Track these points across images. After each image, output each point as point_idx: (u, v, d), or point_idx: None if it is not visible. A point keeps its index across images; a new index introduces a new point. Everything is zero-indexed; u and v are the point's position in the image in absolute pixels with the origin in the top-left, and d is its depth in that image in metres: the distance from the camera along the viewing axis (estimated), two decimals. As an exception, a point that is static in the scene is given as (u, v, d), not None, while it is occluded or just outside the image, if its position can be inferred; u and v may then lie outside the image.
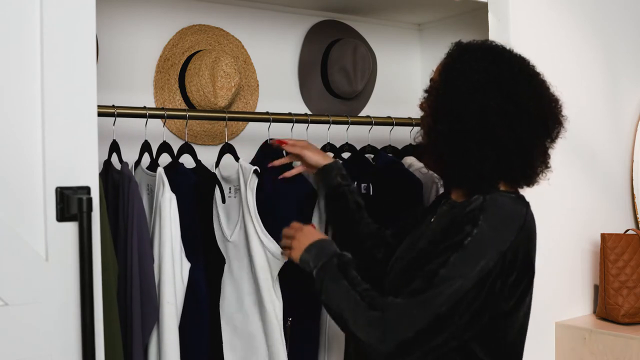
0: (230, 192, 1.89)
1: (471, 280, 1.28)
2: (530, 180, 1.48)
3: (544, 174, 1.49)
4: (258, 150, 2.03)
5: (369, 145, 2.16)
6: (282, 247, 1.71)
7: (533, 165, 1.45)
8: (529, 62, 1.51)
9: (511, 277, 1.33)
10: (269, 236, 1.78)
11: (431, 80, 1.53)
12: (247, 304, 1.85)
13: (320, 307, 1.92)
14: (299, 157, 1.90)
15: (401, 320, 1.30)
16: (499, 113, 1.38)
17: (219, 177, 1.91)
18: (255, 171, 1.79)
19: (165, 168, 1.78)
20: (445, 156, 1.44)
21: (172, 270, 1.67)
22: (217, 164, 1.94)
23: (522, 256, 1.36)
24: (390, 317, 1.31)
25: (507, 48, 1.51)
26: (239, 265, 1.86)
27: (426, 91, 1.54)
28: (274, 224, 1.81)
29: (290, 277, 1.81)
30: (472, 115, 1.39)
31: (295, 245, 1.60)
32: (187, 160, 1.89)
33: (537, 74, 1.50)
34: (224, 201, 1.88)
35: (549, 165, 1.49)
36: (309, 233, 1.60)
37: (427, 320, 1.28)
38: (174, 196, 1.68)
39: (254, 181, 1.79)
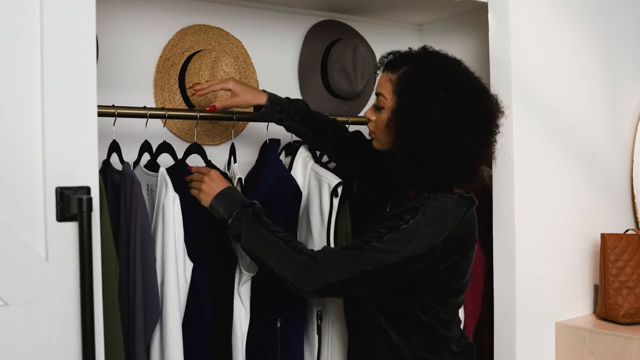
0: None
1: (396, 258, 1.47)
2: (480, 179, 1.65)
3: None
4: (260, 151, 2.03)
5: (369, 145, 2.15)
6: (190, 189, 1.75)
7: (486, 163, 1.65)
8: (463, 65, 1.64)
9: (438, 267, 1.52)
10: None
11: (379, 94, 1.63)
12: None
13: (310, 309, 1.92)
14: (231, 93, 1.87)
15: (331, 266, 1.50)
16: (469, 129, 1.53)
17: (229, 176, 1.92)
18: (239, 180, 1.80)
19: (170, 168, 1.78)
20: (418, 171, 1.55)
21: (176, 270, 1.68)
22: (229, 162, 1.95)
23: (456, 252, 1.55)
24: (322, 262, 1.51)
25: (442, 53, 1.63)
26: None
27: (378, 107, 1.64)
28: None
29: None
30: (445, 134, 1.52)
31: (205, 189, 1.68)
32: (195, 160, 1.89)
33: (474, 75, 1.63)
34: None
35: (494, 157, 1.68)
36: (217, 179, 1.69)
37: (352, 273, 1.49)
38: (177, 196, 1.68)
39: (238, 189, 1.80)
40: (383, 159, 1.69)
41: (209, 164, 1.88)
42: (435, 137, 1.52)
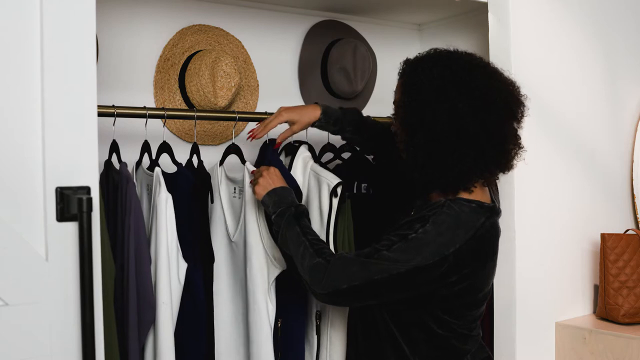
0: (235, 193, 1.90)
1: (404, 268, 1.44)
2: (506, 166, 1.57)
3: (518, 156, 1.58)
4: (259, 152, 2.03)
5: (369, 145, 2.15)
6: (250, 181, 1.80)
7: (507, 150, 1.54)
8: (476, 56, 1.58)
9: (450, 278, 1.47)
10: (272, 242, 1.79)
11: (394, 102, 1.63)
12: (241, 306, 1.86)
13: (309, 308, 1.92)
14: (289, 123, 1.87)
15: (341, 272, 1.50)
16: (467, 111, 1.46)
17: (224, 176, 1.91)
18: None
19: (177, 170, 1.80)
20: (426, 165, 1.51)
21: (168, 271, 1.67)
22: (222, 162, 1.94)
23: (469, 262, 1.48)
24: (334, 267, 1.51)
25: (452, 50, 1.59)
26: (239, 266, 1.86)
27: (394, 114, 1.64)
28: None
29: (279, 279, 1.81)
30: (443, 120, 1.47)
31: (262, 183, 1.74)
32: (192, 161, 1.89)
33: (487, 64, 1.58)
34: (212, 201, 1.88)
35: (521, 146, 1.58)
36: (275, 176, 1.76)
37: (361, 280, 1.47)
38: (169, 196, 1.68)
39: None
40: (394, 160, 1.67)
41: (201, 164, 1.87)
42: (434, 123, 1.48)
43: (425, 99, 1.50)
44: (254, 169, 1.83)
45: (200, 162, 1.88)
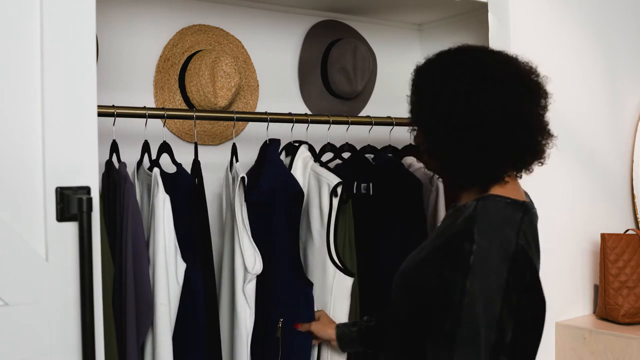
0: None
1: (494, 334, 1.23)
2: (538, 153, 1.41)
3: (549, 144, 1.43)
4: (259, 151, 2.03)
5: (369, 145, 2.16)
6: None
7: (530, 133, 1.38)
8: (489, 48, 1.50)
9: (511, 297, 1.26)
10: (252, 245, 1.77)
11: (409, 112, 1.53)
12: (226, 307, 1.88)
13: (310, 308, 1.92)
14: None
15: None
16: (473, 94, 1.34)
17: (230, 176, 1.92)
18: (242, 179, 1.79)
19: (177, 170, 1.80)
20: (449, 160, 1.40)
21: (166, 271, 1.67)
22: (231, 162, 1.94)
23: (526, 265, 1.29)
24: None
25: (461, 47, 1.50)
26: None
27: (410, 125, 1.53)
28: (265, 225, 1.83)
29: (280, 277, 1.81)
30: (449, 107, 1.36)
31: (320, 334, 1.85)
32: (189, 160, 1.89)
33: (500, 52, 1.47)
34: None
35: (551, 134, 1.43)
36: (326, 323, 1.85)
37: None
38: (167, 197, 1.68)
39: (241, 188, 1.79)
40: None
41: (198, 165, 1.86)
42: (444, 114, 1.37)
43: (431, 91, 1.41)
44: (243, 175, 1.79)
45: (197, 162, 1.88)
